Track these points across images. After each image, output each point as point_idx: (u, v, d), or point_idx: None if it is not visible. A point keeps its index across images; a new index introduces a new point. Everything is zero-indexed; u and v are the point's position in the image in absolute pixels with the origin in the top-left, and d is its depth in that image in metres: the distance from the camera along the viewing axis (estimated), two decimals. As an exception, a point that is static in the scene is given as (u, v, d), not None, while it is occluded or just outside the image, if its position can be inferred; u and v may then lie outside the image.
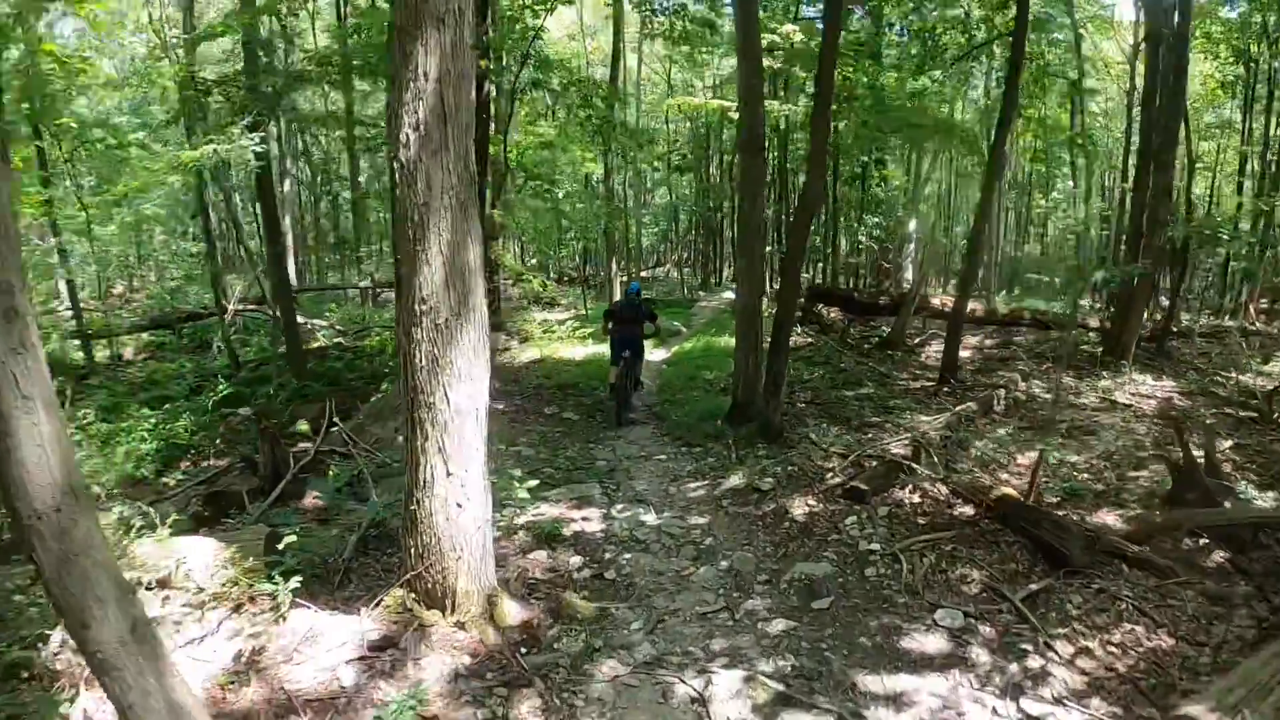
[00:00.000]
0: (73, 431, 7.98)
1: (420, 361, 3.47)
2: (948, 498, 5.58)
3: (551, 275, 32.61)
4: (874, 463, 6.14)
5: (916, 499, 5.57)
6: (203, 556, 3.97)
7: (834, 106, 7.91)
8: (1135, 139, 15.07)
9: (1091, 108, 20.35)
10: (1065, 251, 22.21)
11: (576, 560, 4.92)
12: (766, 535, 5.26)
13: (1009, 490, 5.39)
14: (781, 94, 14.98)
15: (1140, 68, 15.59)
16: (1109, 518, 5.59)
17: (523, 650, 3.72)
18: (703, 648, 3.86)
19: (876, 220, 19.99)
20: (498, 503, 4.67)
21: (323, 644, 3.49)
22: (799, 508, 5.53)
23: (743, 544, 5.15)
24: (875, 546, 4.86)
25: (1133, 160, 15.10)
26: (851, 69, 12.28)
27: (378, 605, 3.72)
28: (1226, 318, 16.70)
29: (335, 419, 8.09)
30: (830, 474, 6.09)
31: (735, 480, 6.11)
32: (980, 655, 3.72)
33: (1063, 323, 12.61)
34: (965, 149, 11.91)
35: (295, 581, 3.68)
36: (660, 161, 31.09)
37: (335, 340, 14.89)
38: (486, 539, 3.87)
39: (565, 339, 14.22)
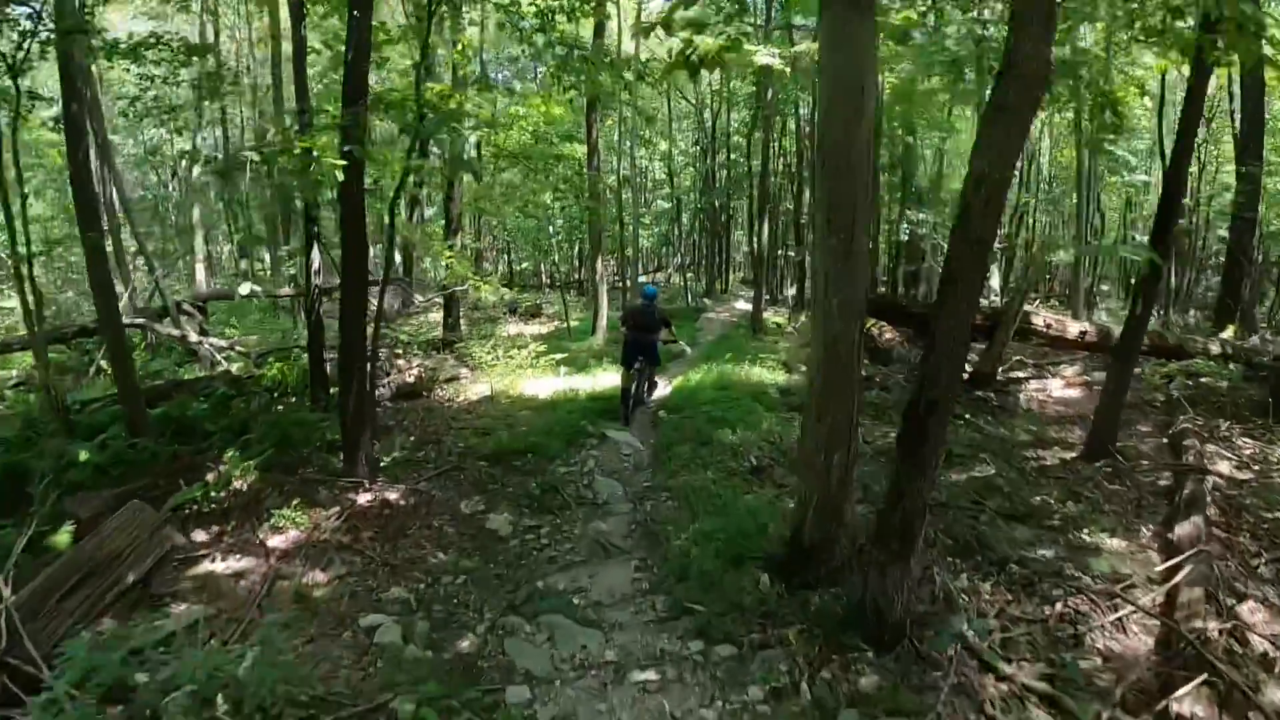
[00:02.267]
0: None
1: None
2: None
3: (546, 280, 29.12)
4: None
5: None
6: None
7: None
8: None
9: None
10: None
11: None
12: None
13: None
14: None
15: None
16: None
17: None
18: None
19: (922, 215, 16.35)
20: None
21: None
22: None
23: None
24: None
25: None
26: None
27: None
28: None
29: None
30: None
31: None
32: None
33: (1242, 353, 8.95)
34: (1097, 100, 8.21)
35: None
36: (662, 160, 27.69)
37: (220, 369, 11.17)
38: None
39: (530, 367, 10.55)
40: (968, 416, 7.65)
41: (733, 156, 27.64)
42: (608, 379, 10.25)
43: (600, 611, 3.97)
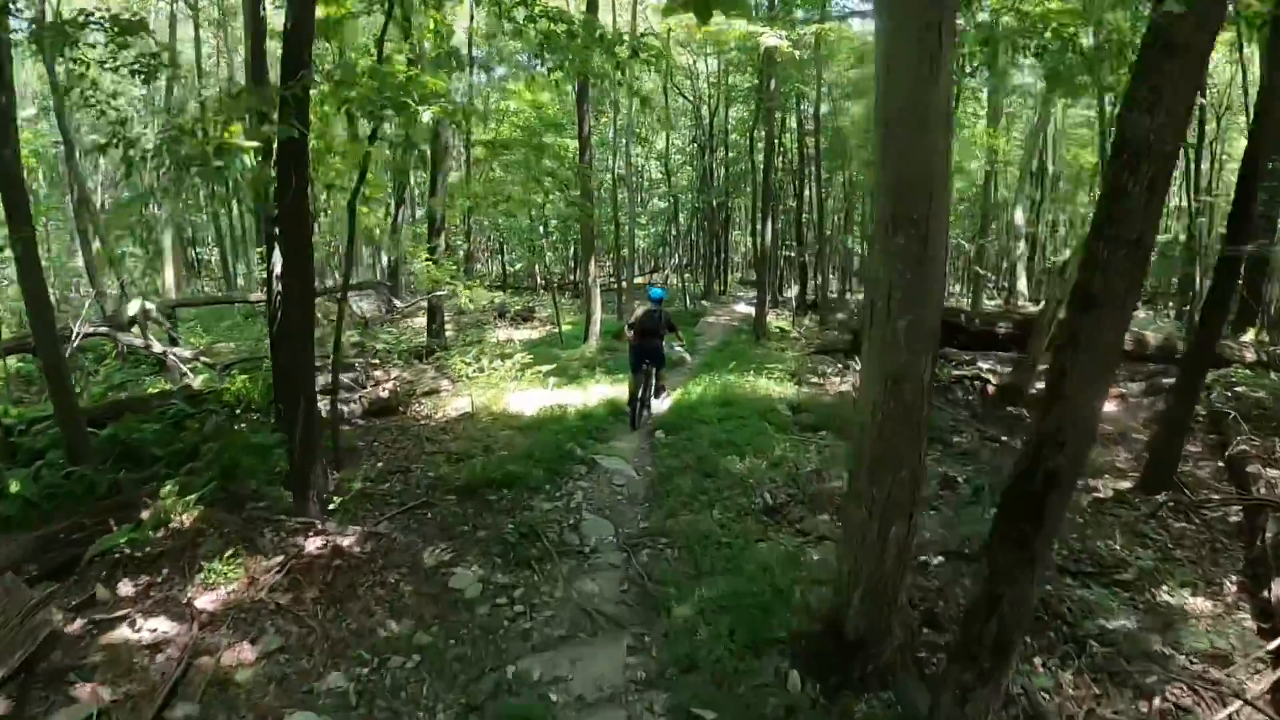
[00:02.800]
0: None
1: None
2: None
3: (540, 281, 28.23)
4: None
5: None
6: None
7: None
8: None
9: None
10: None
11: None
12: None
13: None
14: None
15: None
16: None
17: None
18: None
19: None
20: None
21: None
22: None
23: None
24: None
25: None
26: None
27: None
28: None
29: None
30: None
31: None
32: None
33: None
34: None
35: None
36: (658, 159, 26.89)
37: (183, 383, 10.28)
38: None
39: (515, 378, 9.68)
40: (1004, 439, 6.82)
41: (731, 155, 26.87)
42: (601, 392, 9.40)
43: (584, 714, 3.12)
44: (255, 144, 3.48)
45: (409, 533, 5.22)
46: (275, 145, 4.69)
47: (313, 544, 5.16)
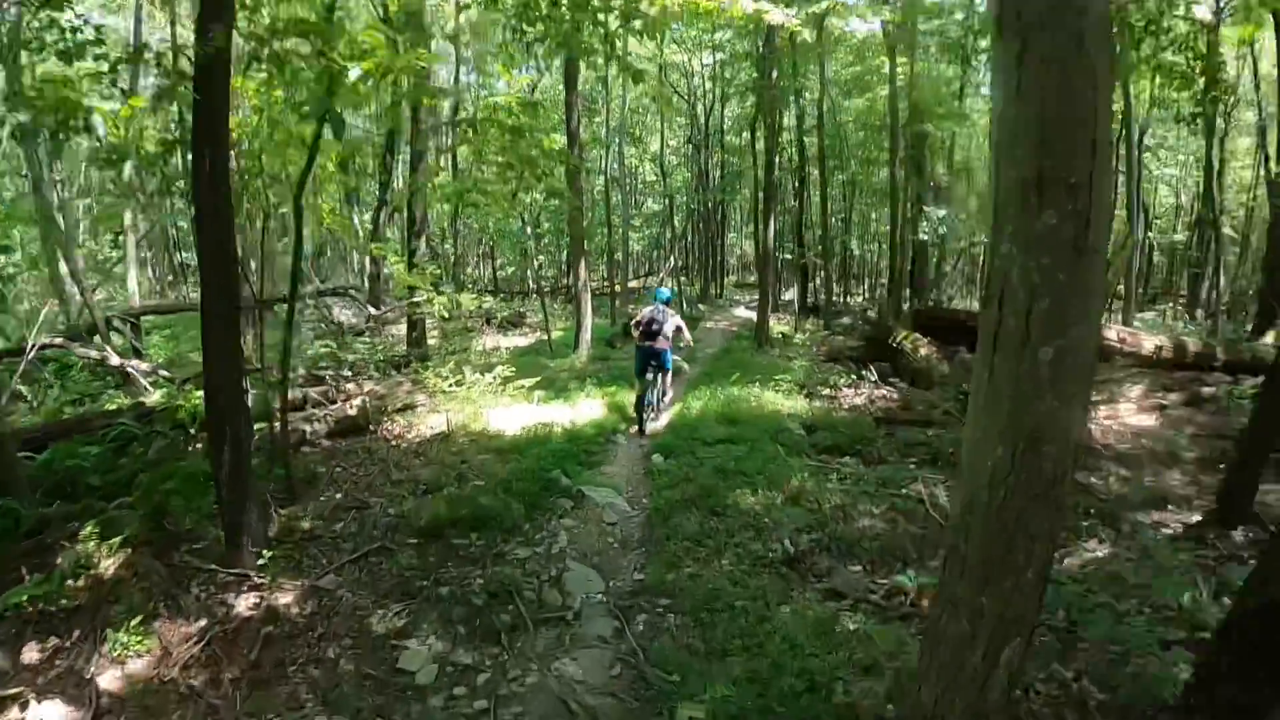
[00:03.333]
0: None
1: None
2: None
3: (532, 285, 27.38)
4: None
5: None
6: None
7: None
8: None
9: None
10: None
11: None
12: None
13: None
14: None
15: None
16: None
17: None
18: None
19: (942, 213, 14.75)
20: None
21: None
22: None
23: None
24: None
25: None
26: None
27: None
28: None
29: None
30: None
31: None
32: None
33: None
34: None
35: None
36: (652, 161, 26.15)
37: (137, 400, 9.38)
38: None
39: (497, 393, 8.83)
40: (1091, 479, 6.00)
41: (727, 157, 26.12)
42: (591, 408, 8.56)
43: None
44: (108, 105, 2.64)
45: (359, 588, 4.37)
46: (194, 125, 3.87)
47: (244, 603, 4.32)
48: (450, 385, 8.12)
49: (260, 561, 4.52)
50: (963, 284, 30.38)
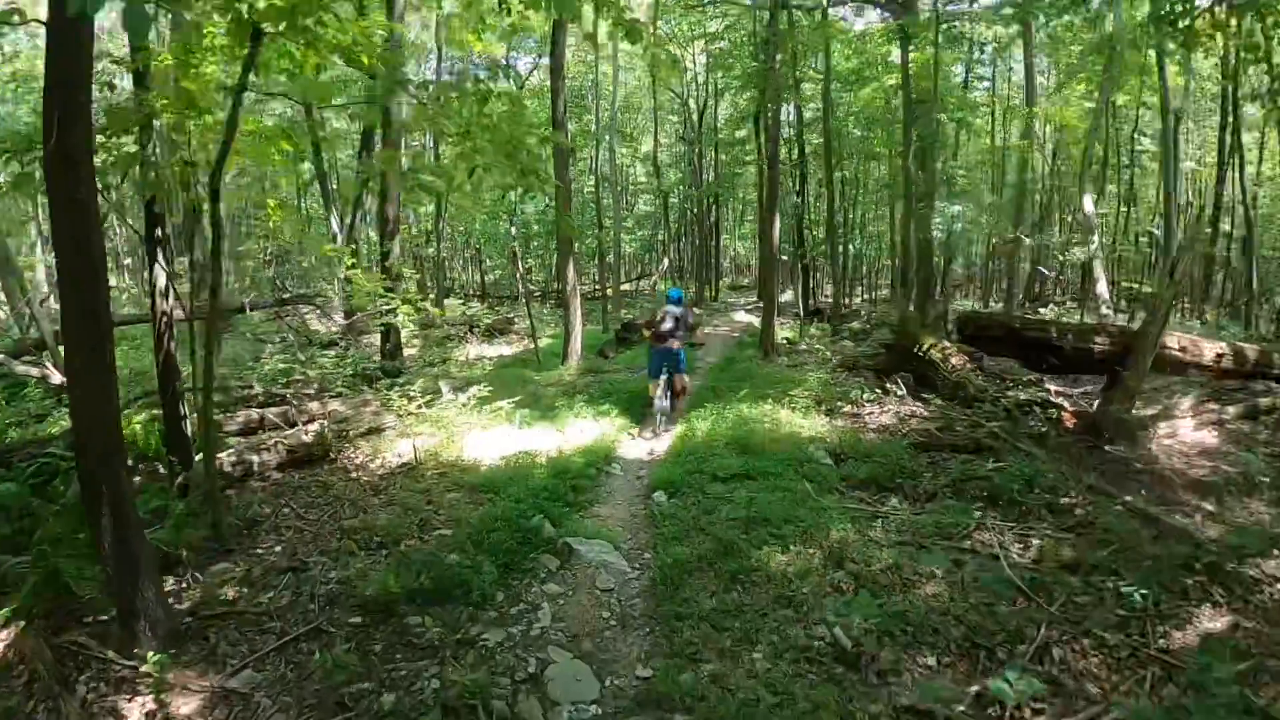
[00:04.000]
0: None
1: None
2: None
3: (520, 290, 26.36)
4: None
5: None
6: None
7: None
8: None
9: None
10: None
11: None
12: None
13: None
14: None
15: None
16: None
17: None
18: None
19: (956, 208, 13.83)
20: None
21: None
22: None
23: None
24: None
25: None
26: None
27: None
28: None
29: None
30: None
31: None
32: None
33: None
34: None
35: None
36: (644, 161, 25.23)
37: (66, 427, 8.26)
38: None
39: (473, 413, 7.79)
40: (1128, 499, 5.03)
41: (722, 157, 25.22)
42: (581, 431, 7.55)
43: None
44: None
45: (280, 692, 3.35)
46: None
47: (136, 712, 3.31)
48: (419, 407, 7.09)
49: (155, 658, 3.49)
50: (963, 284, 29.56)
